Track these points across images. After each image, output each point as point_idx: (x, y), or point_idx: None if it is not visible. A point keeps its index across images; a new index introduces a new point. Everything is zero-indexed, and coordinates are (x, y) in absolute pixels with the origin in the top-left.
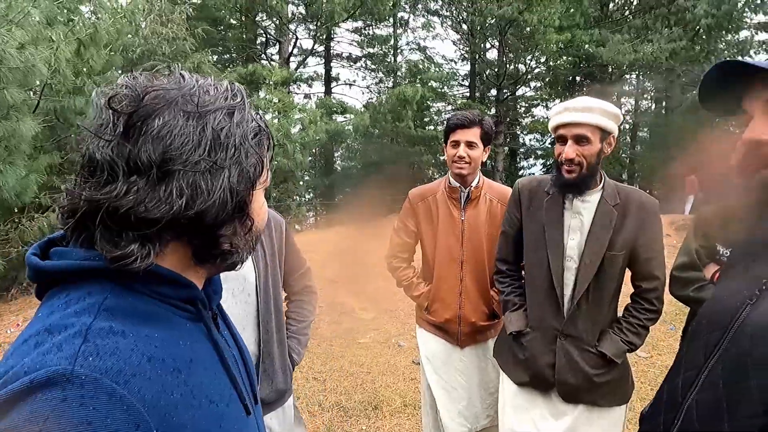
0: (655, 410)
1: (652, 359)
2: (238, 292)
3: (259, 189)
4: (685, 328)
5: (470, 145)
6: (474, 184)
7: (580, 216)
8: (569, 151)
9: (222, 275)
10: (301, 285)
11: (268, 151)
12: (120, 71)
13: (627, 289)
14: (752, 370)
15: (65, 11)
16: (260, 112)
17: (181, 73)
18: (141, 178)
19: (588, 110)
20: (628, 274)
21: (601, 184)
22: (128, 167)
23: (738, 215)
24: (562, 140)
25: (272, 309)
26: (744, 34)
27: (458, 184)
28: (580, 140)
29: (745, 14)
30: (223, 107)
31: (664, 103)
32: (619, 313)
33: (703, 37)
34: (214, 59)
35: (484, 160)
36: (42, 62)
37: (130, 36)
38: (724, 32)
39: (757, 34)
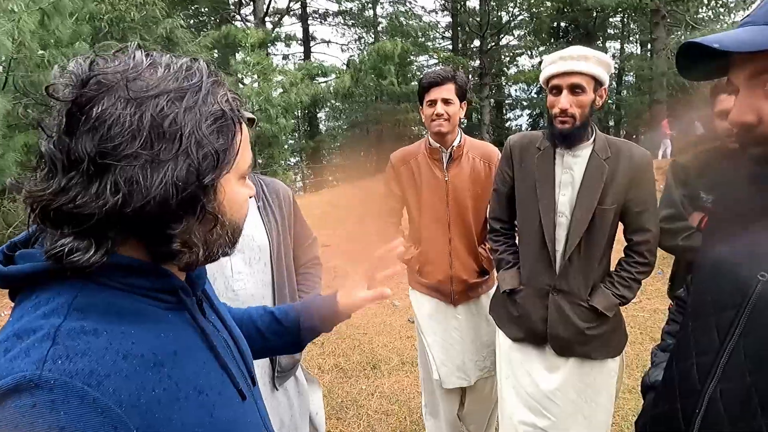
0: (668, 393)
1: (641, 303)
2: (254, 261)
3: (234, 179)
4: (672, 276)
5: (446, 102)
6: (455, 143)
7: (571, 171)
8: (564, 101)
9: (238, 245)
10: (309, 256)
11: (235, 136)
12: (90, 41)
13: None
14: None
15: None
16: (232, 90)
17: (134, 52)
18: (77, 174)
19: (584, 58)
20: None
21: (592, 138)
22: (68, 162)
23: (719, 162)
24: (556, 90)
25: (285, 277)
26: None
27: (438, 145)
28: (575, 89)
29: None
30: (169, 90)
31: (649, 46)
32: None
33: None
34: (187, 23)
35: (461, 117)
36: (5, 35)
37: (95, 3)
38: None
39: None
